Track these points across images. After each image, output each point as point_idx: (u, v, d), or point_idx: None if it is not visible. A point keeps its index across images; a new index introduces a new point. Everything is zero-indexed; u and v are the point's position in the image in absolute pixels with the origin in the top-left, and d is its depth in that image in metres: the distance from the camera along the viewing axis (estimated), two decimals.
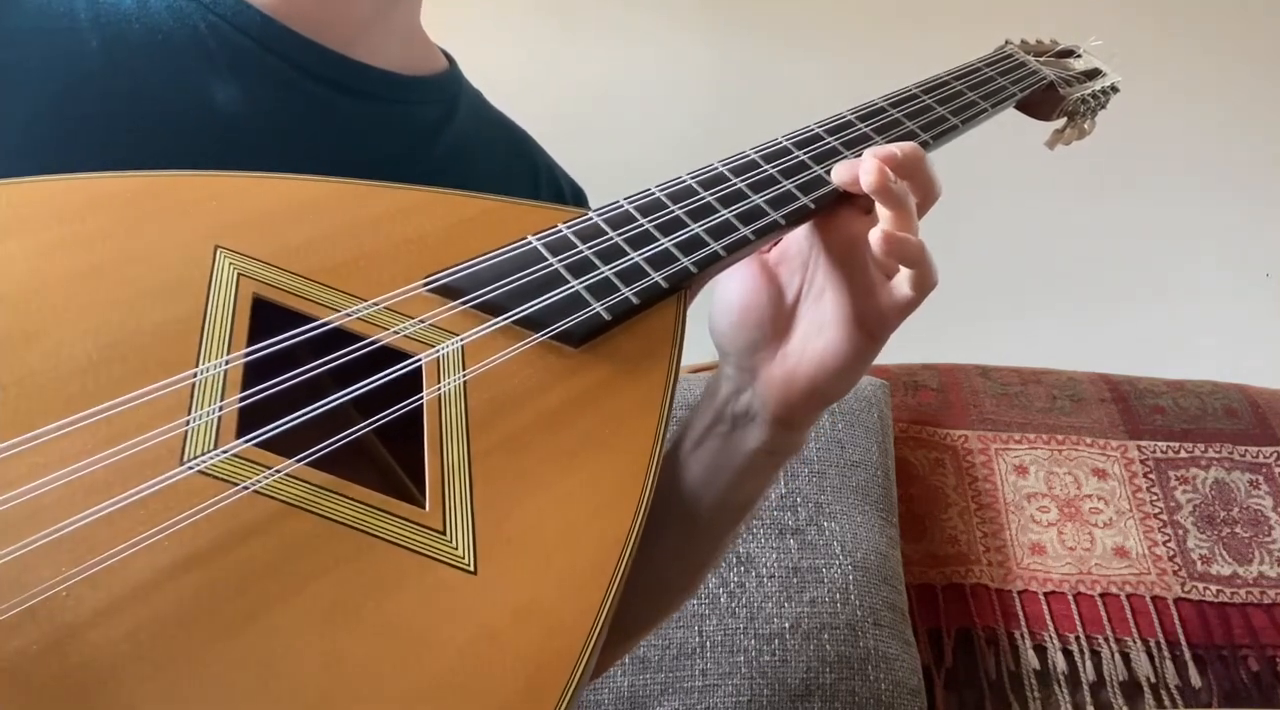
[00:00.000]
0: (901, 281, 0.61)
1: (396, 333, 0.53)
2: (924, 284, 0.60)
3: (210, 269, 0.52)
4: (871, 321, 0.63)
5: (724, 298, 0.66)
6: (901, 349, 1.59)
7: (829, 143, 0.68)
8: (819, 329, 0.63)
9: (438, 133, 0.77)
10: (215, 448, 0.45)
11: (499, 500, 0.49)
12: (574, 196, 0.85)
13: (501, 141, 0.84)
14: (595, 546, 0.50)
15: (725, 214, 0.63)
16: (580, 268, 0.59)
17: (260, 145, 0.67)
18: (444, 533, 0.47)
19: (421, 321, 0.54)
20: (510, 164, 0.82)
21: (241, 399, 0.47)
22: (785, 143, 0.68)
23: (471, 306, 0.55)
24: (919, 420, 1.52)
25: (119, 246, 0.51)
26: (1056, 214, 2.13)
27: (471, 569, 0.47)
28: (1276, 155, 2.19)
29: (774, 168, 0.65)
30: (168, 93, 0.66)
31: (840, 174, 0.63)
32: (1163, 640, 1.33)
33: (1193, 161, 2.18)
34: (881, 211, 0.60)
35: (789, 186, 0.64)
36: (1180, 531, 1.42)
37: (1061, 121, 0.92)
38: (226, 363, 0.48)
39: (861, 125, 0.70)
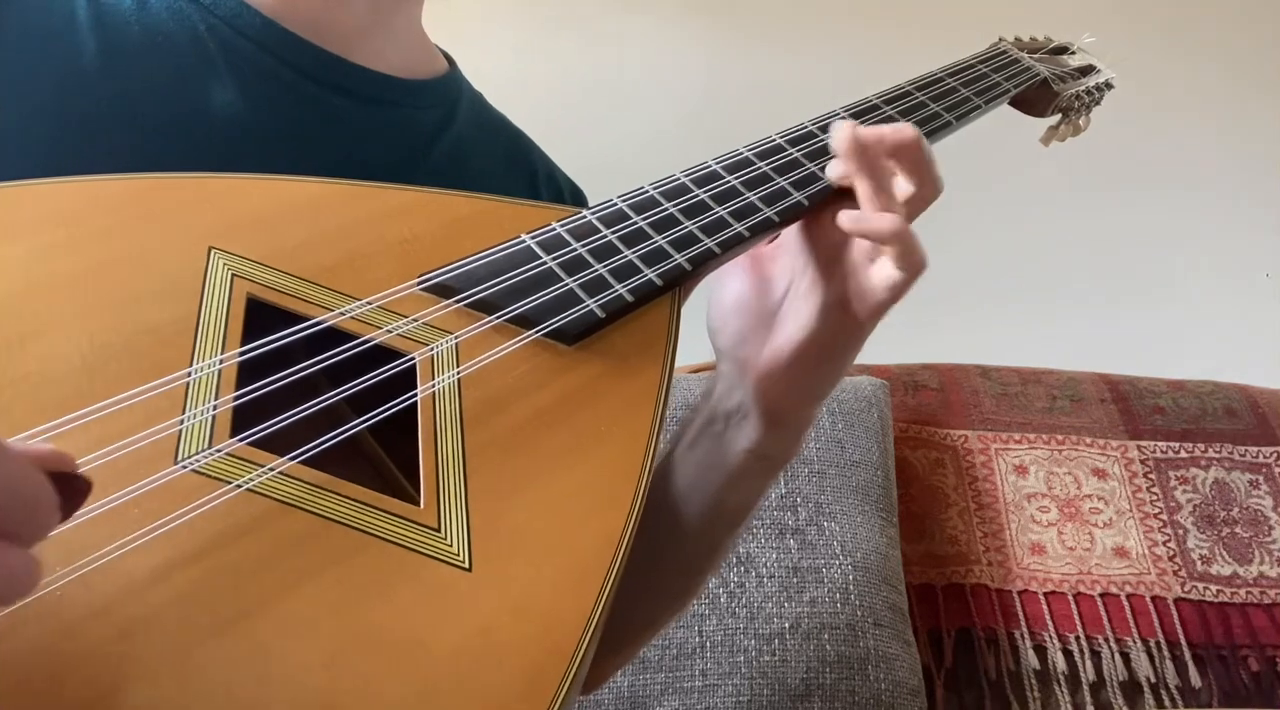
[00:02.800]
0: (884, 262, 0.59)
1: (390, 331, 0.53)
2: (907, 263, 0.58)
3: (205, 270, 0.52)
4: (855, 306, 0.61)
5: (717, 291, 0.67)
6: (901, 349, 1.60)
7: (822, 140, 0.68)
8: (804, 318, 0.62)
9: (437, 136, 0.77)
10: (209, 447, 0.45)
11: (494, 497, 0.49)
12: (573, 197, 0.85)
13: (501, 144, 0.84)
14: (590, 542, 0.50)
15: (719, 211, 0.63)
16: (574, 265, 0.59)
17: (258, 148, 0.67)
18: (439, 530, 0.47)
19: (415, 320, 0.54)
20: (509, 167, 0.82)
21: (235, 398, 0.47)
22: (779, 140, 0.68)
23: (465, 305, 0.55)
24: (919, 420, 1.52)
25: (114, 248, 0.51)
26: (1056, 214, 2.13)
27: (466, 566, 0.47)
28: (1276, 155, 2.19)
29: (767, 165, 0.66)
30: (166, 94, 0.66)
31: (833, 169, 0.63)
32: (1163, 640, 1.33)
33: (1193, 161, 2.18)
34: (858, 187, 0.59)
35: (783, 183, 0.64)
36: (1180, 531, 1.42)
37: (1056, 118, 0.92)
38: (220, 362, 0.48)
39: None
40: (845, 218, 0.57)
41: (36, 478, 0.33)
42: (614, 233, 0.61)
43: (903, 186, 0.61)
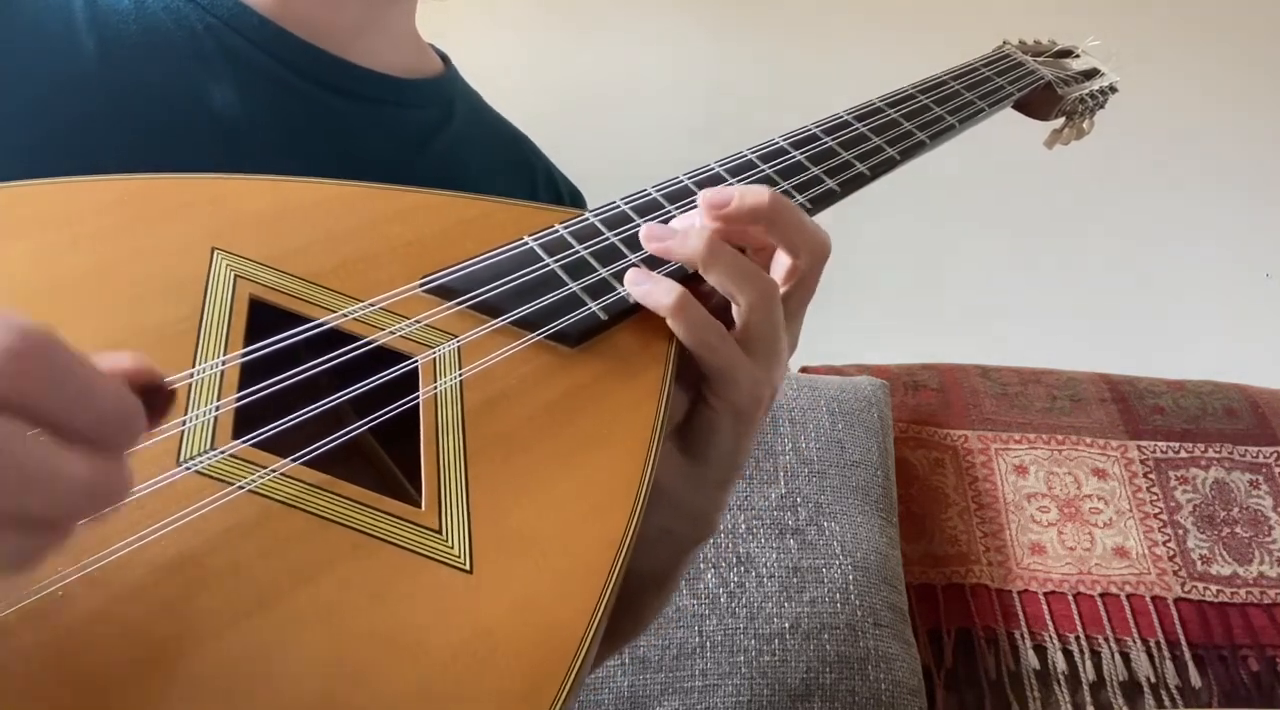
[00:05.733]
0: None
1: (393, 333, 0.53)
2: (689, 338, 0.57)
3: (207, 270, 0.52)
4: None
5: None
6: (901, 349, 1.60)
7: (826, 143, 0.68)
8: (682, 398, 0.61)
9: (434, 135, 0.77)
10: (211, 448, 0.46)
11: (495, 499, 0.50)
12: (572, 199, 0.85)
13: (499, 144, 0.84)
14: (591, 545, 0.50)
15: None
16: (577, 268, 0.59)
17: (256, 147, 0.67)
18: (440, 532, 0.47)
19: (417, 322, 0.54)
20: (507, 166, 0.82)
21: (238, 399, 0.47)
22: (782, 143, 0.68)
23: (467, 307, 0.55)
24: (919, 420, 1.52)
25: (116, 248, 0.51)
26: (1056, 214, 2.13)
27: (467, 568, 0.47)
28: (1277, 155, 2.19)
29: (770, 168, 0.66)
30: (164, 94, 0.66)
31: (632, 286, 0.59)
32: (1163, 640, 1.33)
33: (1193, 161, 2.18)
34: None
35: (786, 187, 0.64)
36: (1180, 531, 1.42)
37: (1060, 121, 0.92)
38: (223, 363, 0.48)
39: (859, 125, 0.70)
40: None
41: (128, 395, 0.36)
42: (616, 235, 0.61)
43: (780, 260, 0.60)
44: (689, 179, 0.65)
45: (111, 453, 0.35)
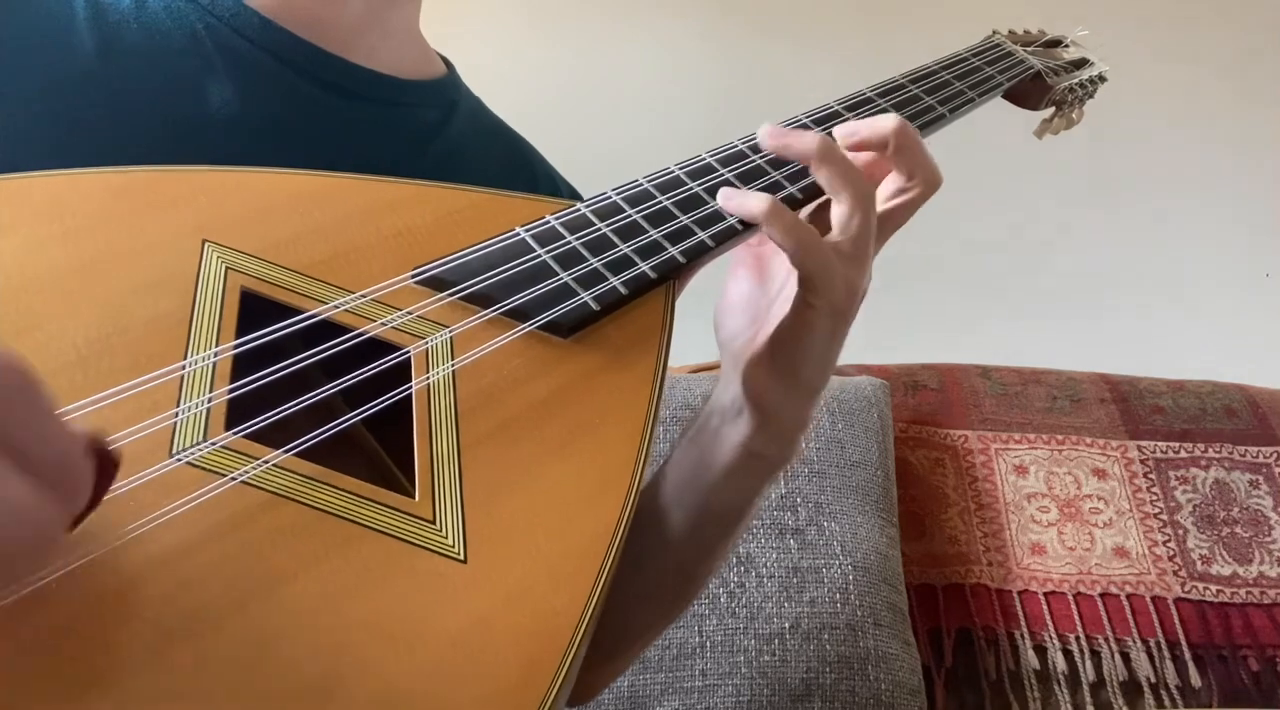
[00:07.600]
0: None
1: (384, 324, 0.53)
2: (817, 284, 0.59)
3: (199, 263, 0.52)
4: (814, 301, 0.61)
5: (725, 290, 0.67)
6: (901, 349, 1.60)
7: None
8: (784, 312, 0.62)
9: (433, 136, 0.77)
10: (204, 440, 0.46)
11: (488, 489, 0.50)
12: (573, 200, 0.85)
13: (499, 147, 0.84)
14: (585, 534, 0.50)
15: (714, 205, 0.63)
16: (568, 259, 0.59)
17: (256, 147, 0.67)
18: (433, 522, 0.48)
19: (409, 313, 0.54)
20: (507, 169, 0.82)
21: (230, 391, 0.47)
22: None
23: (459, 298, 0.56)
24: (919, 420, 1.52)
25: (108, 241, 0.51)
26: (1057, 214, 2.13)
27: (461, 558, 0.47)
28: (1277, 154, 2.19)
29: (762, 158, 0.66)
30: (164, 94, 0.66)
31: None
32: (1163, 640, 1.32)
33: (1193, 161, 2.18)
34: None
35: (777, 177, 0.65)
36: (1180, 531, 1.42)
37: (1049, 111, 0.92)
38: (215, 355, 0.48)
39: (849, 115, 0.70)
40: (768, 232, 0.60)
41: (81, 449, 0.37)
42: (608, 226, 0.61)
43: (892, 182, 0.62)
44: (680, 170, 0.65)
45: (59, 495, 0.36)
